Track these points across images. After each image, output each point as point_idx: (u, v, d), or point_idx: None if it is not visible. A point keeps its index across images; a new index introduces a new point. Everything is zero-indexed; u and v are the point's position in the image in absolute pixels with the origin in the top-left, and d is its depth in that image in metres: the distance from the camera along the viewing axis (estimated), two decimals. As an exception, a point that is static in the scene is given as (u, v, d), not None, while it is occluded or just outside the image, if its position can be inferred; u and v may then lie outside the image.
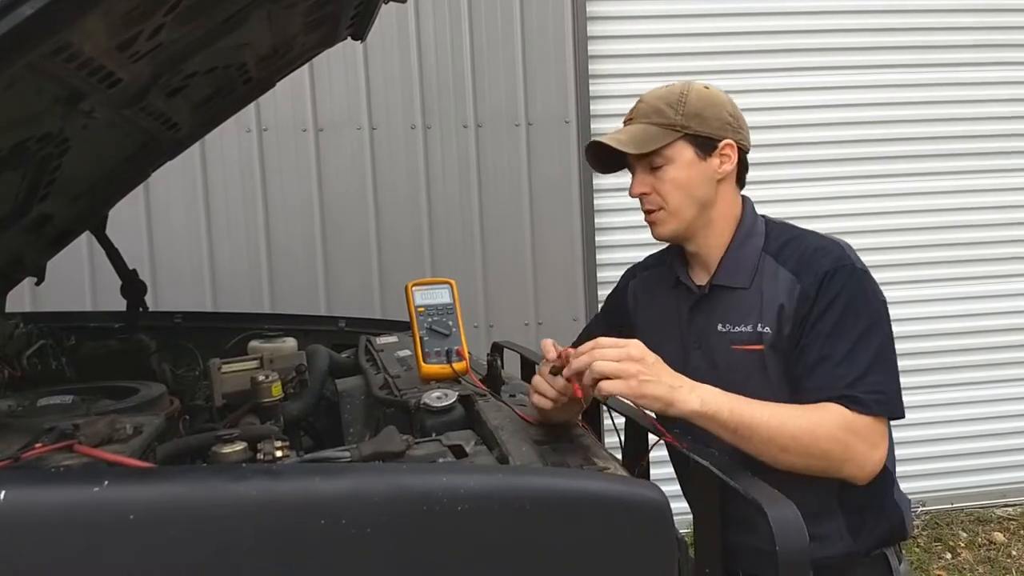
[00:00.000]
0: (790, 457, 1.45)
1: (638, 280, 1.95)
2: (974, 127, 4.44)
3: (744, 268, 1.69)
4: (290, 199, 3.91)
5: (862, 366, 1.53)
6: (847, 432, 1.48)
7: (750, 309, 1.65)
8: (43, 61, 1.25)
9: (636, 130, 1.71)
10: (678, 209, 1.71)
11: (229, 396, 1.87)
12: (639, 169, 1.73)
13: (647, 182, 1.72)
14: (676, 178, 1.69)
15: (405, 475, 1.17)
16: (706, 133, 1.69)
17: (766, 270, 1.67)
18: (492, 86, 4.03)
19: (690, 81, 1.77)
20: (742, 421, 1.41)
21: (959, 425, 4.55)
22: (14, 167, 1.61)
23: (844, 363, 1.54)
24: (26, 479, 1.12)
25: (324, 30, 2.19)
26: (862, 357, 1.54)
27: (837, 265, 1.60)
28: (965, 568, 4.02)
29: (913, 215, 4.41)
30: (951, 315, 4.50)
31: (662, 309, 1.83)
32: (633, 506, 1.17)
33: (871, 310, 1.58)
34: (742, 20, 4.23)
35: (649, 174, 1.71)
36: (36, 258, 2.22)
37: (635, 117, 1.74)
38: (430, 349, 1.97)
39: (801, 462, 1.46)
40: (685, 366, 1.68)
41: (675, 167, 1.69)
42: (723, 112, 1.72)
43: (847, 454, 1.48)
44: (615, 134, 1.73)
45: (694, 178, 1.70)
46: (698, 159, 1.70)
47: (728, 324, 1.68)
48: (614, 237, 4.22)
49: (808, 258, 1.63)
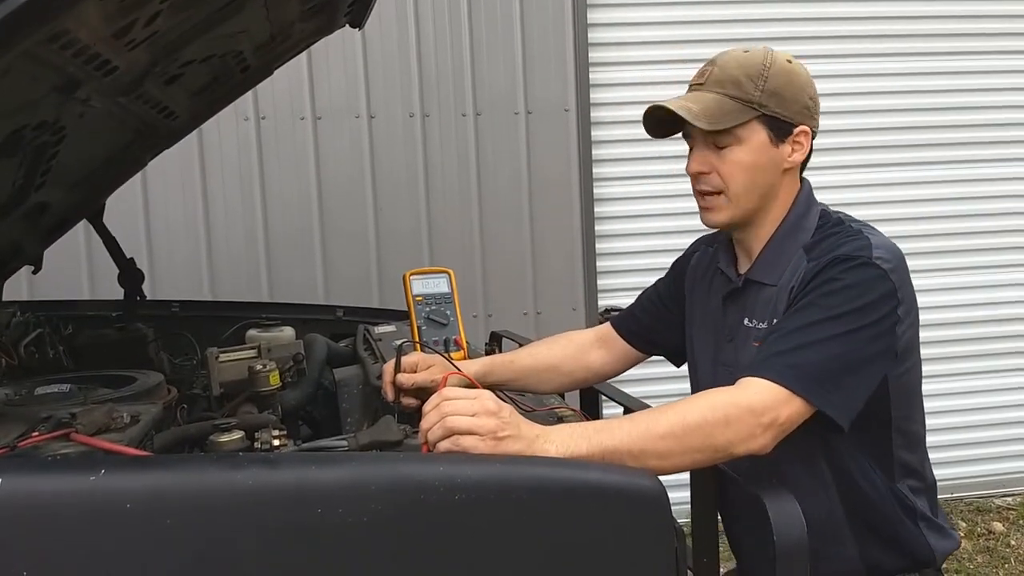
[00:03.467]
0: (678, 458, 1.29)
1: (702, 254, 1.81)
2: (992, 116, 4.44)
3: (780, 265, 1.56)
4: (288, 188, 3.90)
5: (801, 341, 1.39)
6: (727, 405, 1.32)
7: (769, 305, 1.55)
8: (39, 48, 1.24)
9: (709, 100, 1.51)
10: (739, 196, 1.54)
11: (227, 385, 1.87)
12: (700, 143, 1.55)
13: (708, 160, 1.54)
14: (743, 161, 1.52)
15: (403, 464, 1.17)
16: (784, 116, 1.52)
17: (795, 265, 1.53)
18: (491, 74, 4.01)
19: (772, 50, 1.56)
20: (606, 448, 1.25)
21: (958, 415, 4.56)
22: (10, 155, 1.60)
23: (783, 337, 1.42)
24: (23, 467, 1.13)
25: (322, 17, 2.18)
26: (808, 336, 1.39)
27: (850, 254, 1.45)
28: (964, 558, 4.02)
29: (928, 204, 4.42)
30: (947, 305, 4.49)
31: (707, 295, 1.73)
32: (630, 496, 1.17)
33: (859, 307, 1.41)
34: (746, 7, 4.20)
35: (712, 151, 1.54)
36: (33, 247, 2.21)
37: (706, 83, 1.53)
38: (428, 338, 1.97)
39: (688, 458, 1.30)
40: (714, 363, 1.65)
41: (744, 149, 1.52)
42: (804, 94, 1.54)
43: (728, 428, 1.30)
44: (683, 101, 1.53)
45: (762, 164, 1.53)
46: (770, 144, 1.53)
47: (754, 319, 1.57)
48: (614, 226, 4.21)
49: (831, 247, 1.49)
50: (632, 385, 1.99)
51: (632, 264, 4.15)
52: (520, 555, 1.11)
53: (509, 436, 1.22)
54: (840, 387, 1.38)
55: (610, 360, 1.91)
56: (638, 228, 4.21)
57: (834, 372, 1.38)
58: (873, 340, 1.42)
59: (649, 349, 1.91)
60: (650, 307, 1.90)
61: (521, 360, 1.90)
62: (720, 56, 1.56)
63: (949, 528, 1.65)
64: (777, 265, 1.56)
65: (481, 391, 1.31)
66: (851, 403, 1.40)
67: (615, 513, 1.16)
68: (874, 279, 1.43)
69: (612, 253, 4.22)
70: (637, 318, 1.91)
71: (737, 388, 1.37)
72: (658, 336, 1.88)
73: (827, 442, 1.52)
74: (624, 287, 4.05)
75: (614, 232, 4.22)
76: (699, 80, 1.55)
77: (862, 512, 1.56)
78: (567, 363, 1.90)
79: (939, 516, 1.64)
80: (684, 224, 3.39)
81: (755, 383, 1.36)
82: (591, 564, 1.14)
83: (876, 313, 1.42)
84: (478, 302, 4.01)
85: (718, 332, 1.67)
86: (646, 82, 4.09)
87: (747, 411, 1.32)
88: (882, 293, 1.43)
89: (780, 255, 1.57)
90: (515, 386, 1.87)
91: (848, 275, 1.43)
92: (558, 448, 1.24)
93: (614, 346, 1.91)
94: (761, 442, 1.32)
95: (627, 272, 4.15)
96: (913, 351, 1.55)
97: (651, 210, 4.17)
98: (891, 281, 1.44)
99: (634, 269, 4.09)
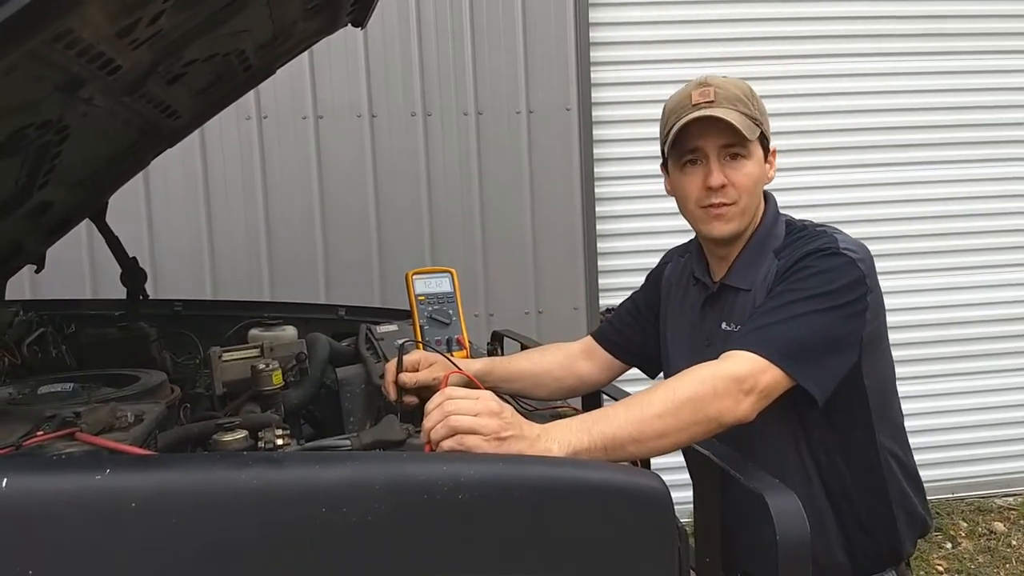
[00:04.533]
0: (676, 434, 1.33)
1: (674, 264, 1.91)
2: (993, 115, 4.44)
3: (753, 271, 1.65)
4: (290, 187, 3.90)
5: (778, 318, 1.48)
6: (713, 377, 1.38)
7: (746, 307, 1.63)
8: (43, 48, 1.25)
9: (734, 115, 1.59)
10: (747, 207, 1.65)
11: (229, 384, 1.87)
12: (716, 158, 1.63)
13: (724, 174, 1.63)
14: (753, 174, 1.64)
15: (406, 463, 1.17)
16: (768, 135, 1.67)
17: (768, 268, 1.63)
18: (493, 73, 4.01)
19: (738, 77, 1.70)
20: (607, 437, 1.28)
21: (959, 415, 4.56)
22: (13, 154, 1.60)
23: (761, 315, 1.51)
24: (28, 466, 1.13)
25: (324, 17, 2.18)
26: (784, 314, 1.48)
27: (819, 247, 1.55)
28: (965, 557, 4.03)
29: (922, 204, 4.40)
30: (949, 304, 4.49)
31: (684, 303, 1.81)
32: (634, 495, 1.17)
33: (832, 290, 1.49)
34: (747, 7, 4.20)
35: (725, 166, 1.63)
36: (36, 246, 2.22)
37: (717, 100, 1.61)
38: (431, 338, 1.98)
39: (685, 434, 1.34)
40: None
41: (752, 163, 1.64)
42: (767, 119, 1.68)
43: (717, 398, 1.36)
44: (724, 113, 1.59)
45: (760, 179, 1.66)
46: (763, 160, 1.67)
47: (732, 323, 1.65)
48: (615, 226, 4.22)
49: (800, 246, 1.59)
50: (634, 384, 1.99)
51: (633, 263, 4.14)
52: (523, 554, 1.11)
53: (512, 436, 1.24)
54: (814, 361, 1.46)
55: (596, 371, 1.97)
56: (639, 227, 4.21)
57: (809, 347, 1.46)
58: (846, 320, 1.50)
59: (629, 359, 1.98)
60: (628, 319, 1.97)
61: (519, 363, 1.94)
62: (709, 78, 1.65)
63: (924, 513, 1.71)
64: (750, 270, 1.66)
65: (483, 391, 1.32)
66: (825, 378, 1.47)
67: (618, 513, 1.16)
68: (844, 265, 1.52)
69: (613, 252, 4.22)
70: (617, 329, 1.98)
71: (720, 360, 1.44)
72: (636, 347, 1.95)
73: (808, 431, 1.59)
74: (625, 286, 3.99)
75: (615, 231, 4.22)
76: (707, 99, 1.61)
77: (845, 502, 1.60)
78: (559, 370, 1.95)
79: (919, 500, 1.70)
80: (685, 224, 3.39)
81: (736, 354, 1.44)
82: (594, 563, 1.14)
83: (848, 295, 1.51)
84: (479, 301, 4.01)
85: (695, 338, 1.74)
86: (647, 81, 4.10)
87: (730, 379, 1.39)
88: (853, 278, 1.52)
89: (753, 261, 1.66)
90: (512, 388, 1.89)
91: (819, 263, 1.53)
92: (561, 446, 1.26)
93: (598, 357, 1.97)
94: (744, 408, 1.39)
95: (628, 271, 4.14)
96: (882, 339, 1.65)
97: (652, 210, 4.15)
98: (860, 269, 1.53)
99: (635, 268, 4.08)
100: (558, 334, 2.88)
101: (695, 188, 1.65)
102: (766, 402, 1.42)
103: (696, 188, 1.65)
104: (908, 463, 1.69)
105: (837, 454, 1.60)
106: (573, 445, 1.26)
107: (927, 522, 1.71)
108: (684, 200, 1.70)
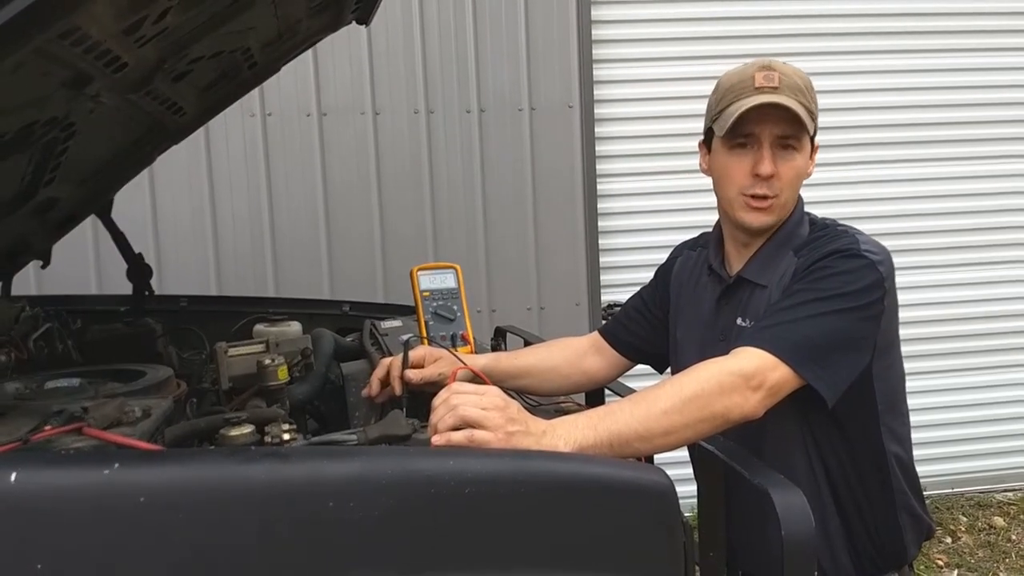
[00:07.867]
0: (682, 431, 1.33)
1: (684, 259, 1.88)
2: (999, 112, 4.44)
3: (772, 267, 1.62)
4: (294, 184, 3.91)
5: (792, 317, 1.45)
6: (720, 373, 1.37)
7: (762, 304, 1.60)
8: (50, 45, 1.25)
9: (795, 105, 1.54)
10: (788, 201, 1.62)
11: (235, 379, 1.87)
12: (769, 147, 1.58)
13: (774, 163, 1.58)
14: (799, 167, 1.60)
15: (412, 458, 1.18)
16: (816, 130, 1.61)
17: (787, 265, 1.60)
18: (495, 71, 4.02)
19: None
20: (613, 434, 1.28)
21: (960, 410, 4.57)
22: (20, 150, 1.61)
23: (774, 314, 1.48)
24: (36, 461, 1.13)
25: (329, 15, 2.18)
26: (798, 313, 1.45)
27: (839, 248, 1.52)
28: (965, 552, 4.04)
29: (921, 200, 4.41)
30: (949, 300, 4.50)
31: (696, 297, 1.78)
32: (639, 490, 1.18)
33: (849, 292, 1.47)
34: (749, 5, 4.20)
35: (776, 156, 1.58)
36: (42, 241, 2.22)
37: (781, 88, 1.56)
38: (435, 333, 1.98)
39: (691, 431, 1.34)
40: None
41: (801, 156, 1.60)
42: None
43: (724, 394, 1.35)
44: (789, 102, 1.55)
45: (802, 174, 1.62)
46: (810, 154, 1.62)
47: (747, 319, 1.62)
48: (617, 222, 4.22)
49: (821, 245, 1.56)
50: (638, 380, 1.99)
51: (636, 260, 4.15)
52: (529, 548, 1.12)
53: (519, 431, 1.24)
54: (826, 362, 1.44)
55: (604, 366, 1.95)
56: (642, 224, 4.22)
57: (821, 347, 1.43)
58: (861, 323, 1.48)
59: (636, 356, 1.96)
60: (635, 315, 1.95)
61: (525, 358, 1.93)
62: (773, 62, 1.60)
63: (927, 518, 1.69)
64: (769, 267, 1.62)
65: (489, 387, 1.33)
66: (835, 379, 1.45)
67: (624, 507, 1.16)
68: (863, 267, 1.49)
69: (616, 249, 4.23)
70: (624, 326, 1.96)
71: (728, 357, 1.43)
72: (644, 343, 1.93)
73: (816, 433, 1.57)
74: (628, 283, 4.05)
75: (618, 228, 4.22)
76: (771, 84, 1.57)
77: (851, 506, 1.60)
78: (565, 366, 1.93)
79: (920, 505, 1.69)
80: (688, 220, 3.39)
81: (745, 351, 1.42)
82: (600, 558, 1.14)
83: (865, 298, 1.48)
84: (482, 297, 4.02)
85: (708, 333, 1.71)
86: (650, 79, 4.10)
87: (738, 376, 1.37)
88: (871, 281, 1.49)
89: (773, 257, 1.63)
90: (518, 384, 1.88)
91: (839, 264, 1.50)
92: (567, 442, 1.26)
93: (605, 353, 1.95)
94: (752, 403, 1.37)
95: (631, 268, 4.15)
96: (894, 346, 1.62)
97: (655, 206, 4.17)
98: (879, 272, 1.50)
99: (638, 265, 4.09)
100: (560, 330, 2.89)
101: (741, 174, 1.60)
102: (774, 400, 1.41)
103: (742, 174, 1.60)
104: (912, 469, 1.67)
105: (845, 457, 1.58)
106: (579, 441, 1.26)
107: (931, 527, 1.69)
108: (726, 183, 1.64)
